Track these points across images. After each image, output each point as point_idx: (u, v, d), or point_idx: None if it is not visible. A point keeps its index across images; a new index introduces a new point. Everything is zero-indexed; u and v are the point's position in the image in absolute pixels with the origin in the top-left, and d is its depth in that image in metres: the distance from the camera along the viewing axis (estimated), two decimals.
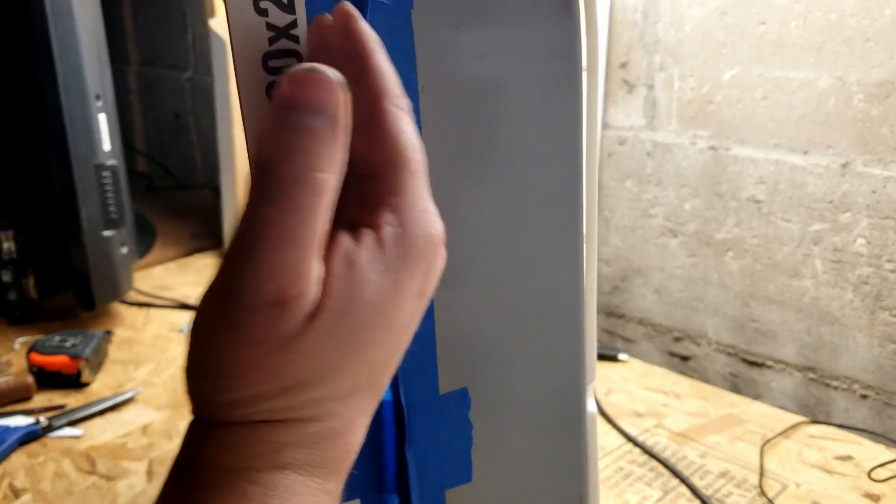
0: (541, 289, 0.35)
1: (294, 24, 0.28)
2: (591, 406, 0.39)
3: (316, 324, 0.22)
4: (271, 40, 0.28)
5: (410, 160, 0.25)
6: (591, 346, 0.38)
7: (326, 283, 0.23)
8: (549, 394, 0.37)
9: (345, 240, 0.23)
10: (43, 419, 0.64)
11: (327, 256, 0.23)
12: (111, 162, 0.80)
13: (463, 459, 0.37)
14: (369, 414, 0.26)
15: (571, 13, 0.31)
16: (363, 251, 0.23)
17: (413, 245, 0.24)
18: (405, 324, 0.25)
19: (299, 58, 0.28)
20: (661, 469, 0.58)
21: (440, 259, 0.25)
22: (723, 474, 0.57)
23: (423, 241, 0.24)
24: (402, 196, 0.24)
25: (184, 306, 0.89)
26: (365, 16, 0.29)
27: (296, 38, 0.28)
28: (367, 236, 0.24)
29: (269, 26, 0.28)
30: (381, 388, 0.26)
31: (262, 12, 0.28)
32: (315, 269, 0.22)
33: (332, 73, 0.22)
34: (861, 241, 0.63)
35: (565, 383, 0.37)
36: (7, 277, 0.82)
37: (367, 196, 0.24)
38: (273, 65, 0.28)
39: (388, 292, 0.23)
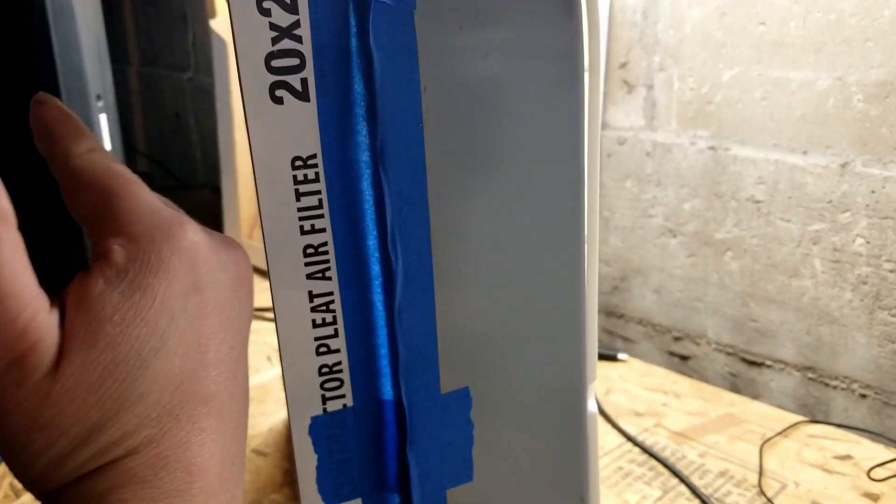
0: (542, 288, 0.36)
1: (297, 24, 0.28)
2: (591, 406, 0.39)
3: (68, 363, 0.22)
4: (274, 40, 0.28)
5: (111, 183, 0.25)
6: (592, 346, 0.38)
7: (65, 322, 0.23)
8: (550, 393, 0.38)
9: (76, 279, 0.24)
10: None
11: (64, 300, 0.23)
12: None
13: (464, 459, 0.37)
14: (216, 428, 0.25)
15: (573, 14, 0.31)
16: (95, 280, 0.23)
17: (152, 250, 0.24)
18: (190, 324, 0.24)
19: (302, 58, 0.29)
20: (661, 468, 0.58)
21: (191, 246, 0.25)
22: (722, 473, 0.57)
23: (162, 241, 0.24)
24: (119, 215, 0.24)
25: None
26: (368, 17, 0.29)
27: (299, 38, 0.28)
28: (98, 265, 0.24)
29: (272, 26, 0.28)
30: (211, 396, 0.25)
31: (265, 12, 0.28)
32: (41, 318, 0.22)
33: None
34: (860, 241, 0.63)
35: (566, 383, 0.38)
36: None
37: (96, 237, 0.25)
38: (276, 65, 0.28)
39: (142, 304, 0.23)
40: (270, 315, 0.32)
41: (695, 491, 0.55)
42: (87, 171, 0.25)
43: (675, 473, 0.57)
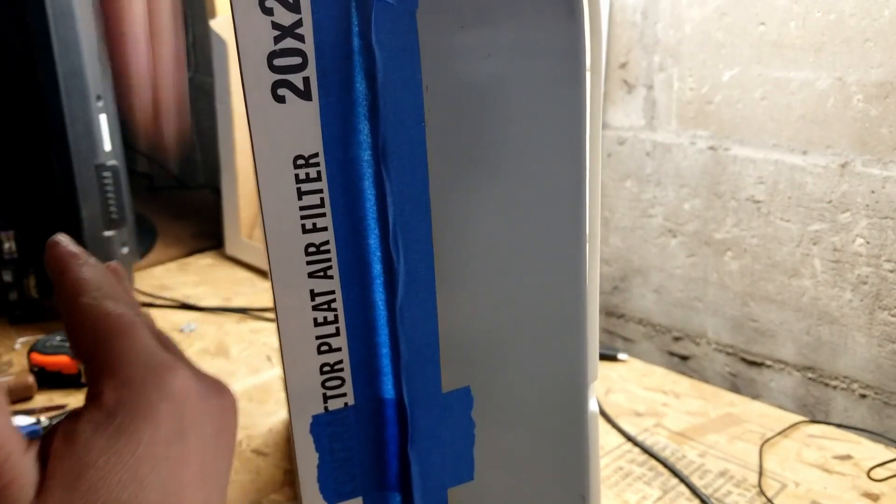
0: (543, 288, 0.36)
1: (299, 23, 0.28)
2: (592, 405, 0.39)
3: (44, 502, 0.23)
4: (276, 39, 0.28)
5: (112, 323, 0.26)
6: (593, 346, 0.38)
7: (50, 462, 0.23)
8: (551, 393, 0.38)
9: (64, 421, 0.24)
10: (44, 419, 0.64)
11: (52, 439, 0.24)
12: (112, 162, 0.80)
13: (465, 458, 0.37)
14: None
15: (575, 13, 0.32)
16: (83, 423, 0.24)
17: (142, 395, 0.24)
18: (171, 472, 0.24)
19: (304, 57, 0.29)
20: (661, 468, 0.58)
21: (180, 392, 0.25)
22: (722, 473, 0.57)
23: (151, 387, 0.25)
24: (115, 356, 0.25)
25: (184, 306, 0.89)
26: (370, 16, 0.29)
27: (301, 38, 0.28)
28: (88, 409, 0.24)
29: (275, 25, 0.28)
30: None
31: (268, 11, 0.28)
32: (14, 459, 0.23)
33: None
34: (860, 241, 0.63)
35: (567, 382, 0.38)
36: (8, 277, 0.82)
37: (91, 375, 0.25)
38: (278, 64, 0.28)
39: (126, 450, 0.24)
40: (271, 315, 0.32)
41: (695, 491, 0.55)
42: (90, 310, 0.26)
43: (675, 473, 0.57)
